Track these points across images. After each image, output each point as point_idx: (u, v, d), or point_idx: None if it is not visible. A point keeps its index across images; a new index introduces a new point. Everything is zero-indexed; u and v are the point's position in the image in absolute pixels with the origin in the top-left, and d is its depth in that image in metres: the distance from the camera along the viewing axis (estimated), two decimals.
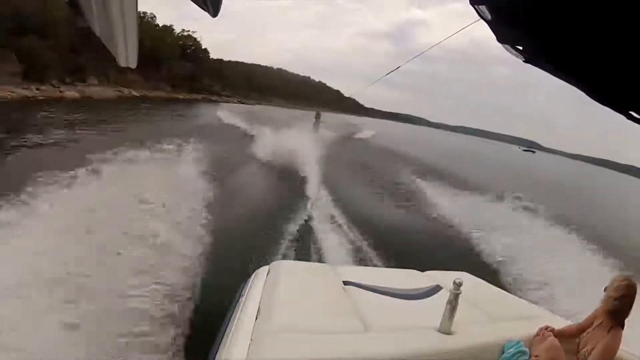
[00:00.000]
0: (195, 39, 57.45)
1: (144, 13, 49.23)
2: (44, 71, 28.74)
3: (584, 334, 2.20)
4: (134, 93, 39.31)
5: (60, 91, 29.81)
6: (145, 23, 48.75)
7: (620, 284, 2.05)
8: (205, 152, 10.44)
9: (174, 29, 53.74)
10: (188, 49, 56.14)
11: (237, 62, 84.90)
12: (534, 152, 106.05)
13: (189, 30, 56.08)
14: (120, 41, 0.76)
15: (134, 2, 0.70)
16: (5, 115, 16.65)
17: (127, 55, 0.80)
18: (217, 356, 2.01)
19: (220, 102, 48.48)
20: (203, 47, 59.37)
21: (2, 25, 25.12)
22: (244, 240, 6.19)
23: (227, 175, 10.11)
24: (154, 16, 50.92)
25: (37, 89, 27.17)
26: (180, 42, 54.92)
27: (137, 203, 5.53)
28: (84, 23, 0.72)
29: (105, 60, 28.68)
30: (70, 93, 30.49)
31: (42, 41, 28.03)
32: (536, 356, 2.16)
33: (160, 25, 51.55)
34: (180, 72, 50.24)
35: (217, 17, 0.73)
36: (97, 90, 33.71)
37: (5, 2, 26.19)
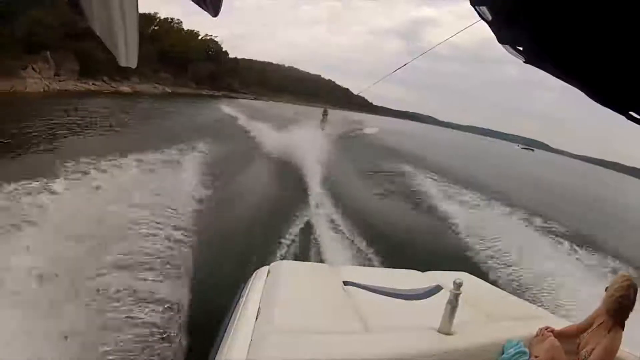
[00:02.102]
0: (216, 42, 64.38)
1: (172, 19, 55.85)
2: (96, 69, 33.87)
3: (584, 334, 2.19)
4: (167, 89, 46.09)
5: (112, 86, 36.23)
6: (175, 28, 55.49)
7: (621, 284, 2.04)
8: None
9: (198, 34, 60.54)
10: (210, 51, 62.60)
11: (251, 60, 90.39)
12: (532, 150, 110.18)
13: (211, 35, 62.80)
14: (121, 41, 0.75)
15: (134, 2, 0.70)
16: (96, 102, 23.56)
17: (127, 55, 0.80)
18: (217, 356, 2.01)
19: (237, 98, 55.26)
20: (223, 50, 67.33)
21: (64, 30, 29.87)
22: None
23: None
24: (181, 21, 57.27)
25: (93, 84, 34.11)
26: (204, 45, 62.02)
27: None
28: (84, 23, 0.72)
29: (143, 62, 37.36)
30: (124, 88, 37.43)
31: (94, 44, 31.72)
32: (536, 356, 2.16)
33: (186, 29, 58.55)
34: (203, 72, 56.76)
35: (225, 13, 0.74)
36: (143, 87, 40.99)
37: (66, 11, 30.35)
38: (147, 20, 48.12)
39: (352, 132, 27.15)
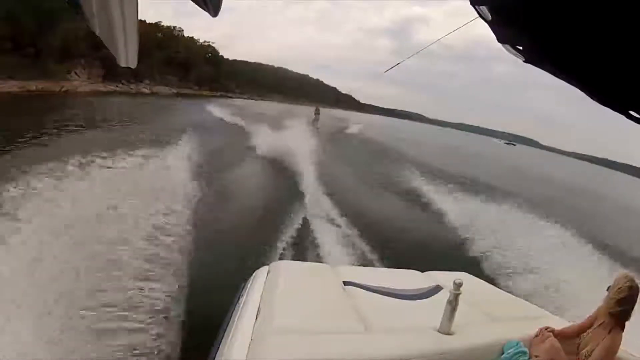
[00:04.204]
0: (214, 47, 73.08)
1: (174, 27, 63.15)
2: (117, 74, 40.01)
3: (584, 334, 2.19)
4: (172, 90, 52.28)
5: (131, 87, 43.57)
6: (178, 36, 62.90)
7: (623, 285, 2.04)
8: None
9: (198, 40, 69.10)
10: (208, 55, 70.23)
11: (244, 62, 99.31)
12: (514, 145, 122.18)
13: (209, 41, 71.92)
14: (120, 41, 0.75)
15: (134, 3, 0.70)
16: (135, 100, 32.83)
17: (127, 55, 0.80)
18: (217, 356, 2.01)
19: (234, 97, 63.77)
20: (220, 54, 75.48)
21: (91, 39, 33.75)
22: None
23: None
24: (182, 29, 64.80)
25: (116, 86, 40.67)
26: (203, 51, 69.43)
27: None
28: (84, 23, 0.72)
29: (152, 66, 46.89)
30: (144, 90, 45.19)
31: None
32: (536, 356, 2.15)
33: (187, 36, 65.85)
34: (204, 75, 64.47)
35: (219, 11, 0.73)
36: (157, 88, 48.45)
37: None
38: (152, 28, 54.21)
39: (341, 130, 29.15)
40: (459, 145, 47.04)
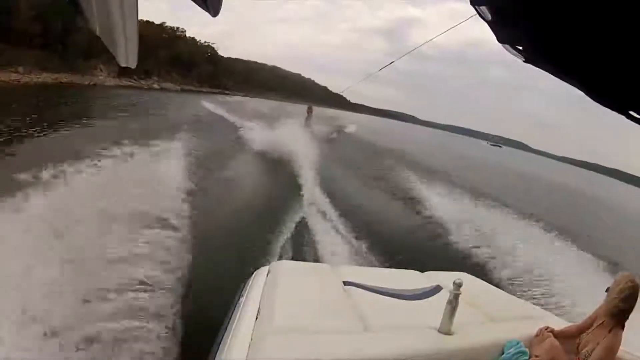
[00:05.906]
0: (213, 47, 79.83)
1: (177, 28, 68.70)
2: (130, 71, 42.93)
3: (584, 334, 2.19)
4: (177, 87, 58.69)
5: (142, 83, 49.16)
6: (181, 36, 68.48)
7: (623, 285, 2.04)
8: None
9: (199, 41, 75.53)
10: (208, 54, 76.59)
11: (240, 61, 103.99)
12: (500, 146, 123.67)
13: (208, 42, 78.95)
14: (121, 41, 0.75)
15: (134, 2, 0.70)
16: (152, 93, 40.23)
17: (127, 55, 0.80)
18: (217, 356, 2.01)
19: (231, 94, 67.96)
20: (219, 54, 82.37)
21: None
22: None
23: None
24: (185, 30, 70.90)
25: (130, 81, 45.44)
26: (204, 50, 75.88)
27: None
28: (84, 23, 0.72)
29: (160, 64, 53.46)
30: (155, 85, 51.86)
31: None
32: (536, 356, 2.16)
33: (188, 36, 72.10)
34: (204, 73, 70.92)
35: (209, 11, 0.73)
36: (165, 84, 54.95)
37: None
38: (158, 29, 59.81)
39: (335, 129, 29.23)
40: (447, 145, 52.29)
